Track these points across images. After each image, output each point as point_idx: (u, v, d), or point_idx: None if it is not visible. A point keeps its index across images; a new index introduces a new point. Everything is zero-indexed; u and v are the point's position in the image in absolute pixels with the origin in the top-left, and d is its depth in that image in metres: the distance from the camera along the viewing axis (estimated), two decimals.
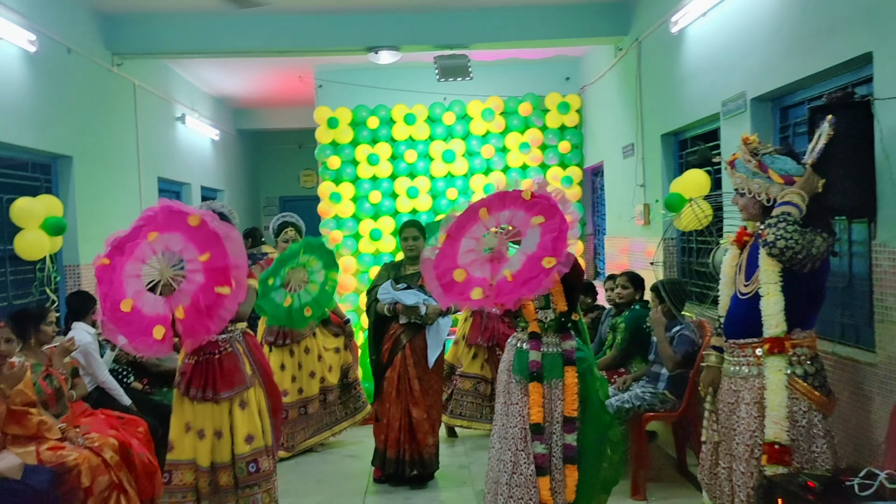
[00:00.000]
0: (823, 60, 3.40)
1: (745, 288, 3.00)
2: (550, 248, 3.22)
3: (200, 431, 3.71)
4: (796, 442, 2.80)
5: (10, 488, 3.30)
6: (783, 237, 2.72)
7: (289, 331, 5.32)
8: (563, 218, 3.31)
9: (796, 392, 2.82)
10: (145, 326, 3.26)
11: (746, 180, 2.94)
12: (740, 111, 4.20)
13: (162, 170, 7.43)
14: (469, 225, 3.48)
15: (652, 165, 5.84)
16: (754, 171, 2.92)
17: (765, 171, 2.90)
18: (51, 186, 5.47)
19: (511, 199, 3.45)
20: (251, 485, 3.73)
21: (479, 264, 3.38)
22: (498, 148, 7.99)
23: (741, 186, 2.97)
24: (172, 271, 3.40)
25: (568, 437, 3.48)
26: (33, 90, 5.05)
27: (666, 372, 4.39)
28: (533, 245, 3.28)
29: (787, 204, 2.79)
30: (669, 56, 5.30)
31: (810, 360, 2.87)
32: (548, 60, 8.09)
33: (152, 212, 3.52)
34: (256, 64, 7.96)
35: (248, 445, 3.71)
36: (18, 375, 3.65)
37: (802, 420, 2.82)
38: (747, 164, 2.95)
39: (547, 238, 3.26)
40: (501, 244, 3.42)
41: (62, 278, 5.48)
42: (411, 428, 4.66)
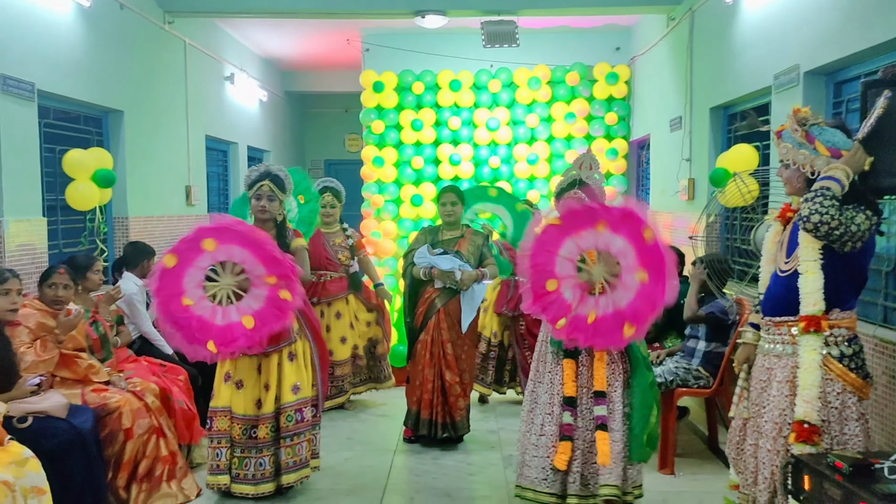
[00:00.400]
0: (882, 32, 3.27)
1: (784, 265, 2.94)
2: (638, 317, 3.18)
3: (239, 382, 3.89)
4: (828, 423, 2.75)
5: (55, 426, 3.44)
6: (818, 212, 2.64)
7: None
8: (663, 289, 3.16)
9: (830, 373, 2.76)
10: (203, 335, 3.54)
11: (792, 150, 2.85)
12: (792, 85, 4.08)
13: (210, 128, 7.55)
14: (583, 226, 3.30)
15: (699, 139, 5.72)
16: (800, 142, 2.83)
17: (811, 141, 2.81)
18: (102, 140, 5.61)
19: (631, 228, 3.24)
20: (296, 433, 3.92)
21: (571, 285, 3.34)
22: (543, 118, 7.90)
23: (786, 157, 2.88)
24: (234, 281, 3.63)
25: (597, 409, 3.50)
26: (86, 45, 5.16)
27: (701, 347, 4.37)
28: (625, 301, 3.23)
29: (828, 179, 2.70)
30: (722, 27, 5.15)
31: (848, 342, 2.80)
32: (598, 29, 7.93)
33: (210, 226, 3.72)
34: (305, 26, 7.99)
35: (295, 395, 3.90)
36: (74, 323, 3.79)
37: (836, 401, 2.76)
38: (794, 133, 2.85)
39: (640, 302, 3.19)
40: (598, 279, 3.34)
41: (110, 229, 5.65)
42: (443, 391, 4.72)
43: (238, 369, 3.90)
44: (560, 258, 3.34)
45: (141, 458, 3.85)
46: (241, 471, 3.88)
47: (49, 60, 4.71)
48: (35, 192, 4.58)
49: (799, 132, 2.83)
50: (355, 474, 4.37)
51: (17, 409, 3.40)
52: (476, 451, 4.76)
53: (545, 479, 3.53)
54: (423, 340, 4.73)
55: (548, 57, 7.89)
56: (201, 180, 7.24)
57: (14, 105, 4.34)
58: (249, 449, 3.89)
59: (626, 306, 3.22)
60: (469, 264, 4.70)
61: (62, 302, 3.85)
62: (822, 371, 2.75)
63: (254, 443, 3.88)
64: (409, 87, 7.94)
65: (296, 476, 3.93)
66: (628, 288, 3.24)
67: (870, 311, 3.58)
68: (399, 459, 4.63)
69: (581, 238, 3.31)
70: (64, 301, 3.86)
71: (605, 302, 3.28)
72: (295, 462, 3.92)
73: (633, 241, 3.22)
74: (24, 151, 4.44)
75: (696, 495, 3.99)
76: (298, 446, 3.94)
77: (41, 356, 3.66)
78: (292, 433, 3.92)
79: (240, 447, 3.89)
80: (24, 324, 3.70)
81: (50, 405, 3.50)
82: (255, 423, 3.88)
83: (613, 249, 3.28)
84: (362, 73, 8.08)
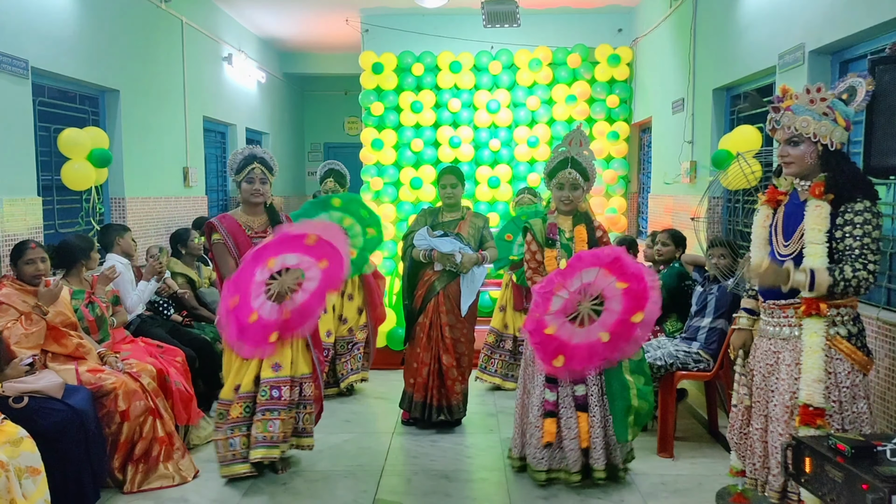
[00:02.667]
0: (888, 10, 3.21)
1: (785, 249, 2.89)
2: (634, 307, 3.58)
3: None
4: (839, 403, 2.73)
5: (50, 407, 3.41)
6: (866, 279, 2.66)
7: None
8: (612, 353, 3.61)
9: (840, 352, 2.74)
10: (263, 334, 3.62)
11: (812, 123, 2.75)
12: (797, 64, 4.02)
13: (207, 109, 7.49)
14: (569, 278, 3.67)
15: (702, 121, 5.66)
16: (822, 112, 2.75)
17: (832, 112, 2.75)
18: (98, 119, 5.55)
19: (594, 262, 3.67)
20: (269, 410, 3.81)
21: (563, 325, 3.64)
22: (544, 100, 7.83)
23: (806, 130, 2.76)
24: (293, 282, 3.69)
25: (578, 389, 3.79)
26: (82, 22, 5.09)
27: (705, 326, 4.34)
28: (618, 307, 3.61)
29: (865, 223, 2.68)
30: (726, 6, 5.08)
31: (853, 321, 2.79)
32: (600, 10, 7.85)
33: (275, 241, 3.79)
34: (304, 5, 7.91)
35: (275, 372, 3.83)
36: (55, 293, 3.77)
37: (846, 381, 2.74)
38: (815, 105, 2.76)
39: (630, 299, 3.60)
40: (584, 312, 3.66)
41: (107, 210, 5.61)
42: (440, 374, 4.69)
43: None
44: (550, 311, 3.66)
45: (137, 440, 3.83)
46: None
47: (44, 37, 4.65)
48: (30, 171, 4.53)
49: (826, 101, 2.75)
50: (353, 456, 4.35)
51: (13, 389, 3.38)
52: (474, 433, 4.75)
53: (542, 458, 3.82)
54: (421, 323, 4.70)
55: (549, 38, 7.81)
56: (199, 162, 7.19)
57: (7, 83, 4.28)
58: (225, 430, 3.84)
59: (574, 344, 3.59)
60: (469, 247, 4.66)
61: (41, 275, 3.82)
62: (824, 353, 2.72)
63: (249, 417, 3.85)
64: (408, 69, 7.87)
65: (263, 453, 3.78)
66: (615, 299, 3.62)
67: (873, 294, 3.55)
68: (397, 441, 4.61)
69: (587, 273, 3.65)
70: (43, 274, 3.83)
71: (570, 329, 3.63)
72: (265, 437, 3.78)
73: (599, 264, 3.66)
74: (18, 130, 4.39)
75: (696, 479, 3.98)
76: (270, 423, 3.79)
77: (28, 329, 3.63)
78: (264, 408, 3.79)
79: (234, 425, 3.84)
80: (7, 302, 3.67)
81: (45, 384, 3.47)
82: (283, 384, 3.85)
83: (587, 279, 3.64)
84: (361, 54, 8.00)
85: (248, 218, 4.03)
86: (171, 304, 5.18)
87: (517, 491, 3.85)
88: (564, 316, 3.64)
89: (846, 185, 2.71)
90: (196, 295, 5.52)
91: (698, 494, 3.78)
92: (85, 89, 5.37)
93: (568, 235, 3.98)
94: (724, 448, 4.40)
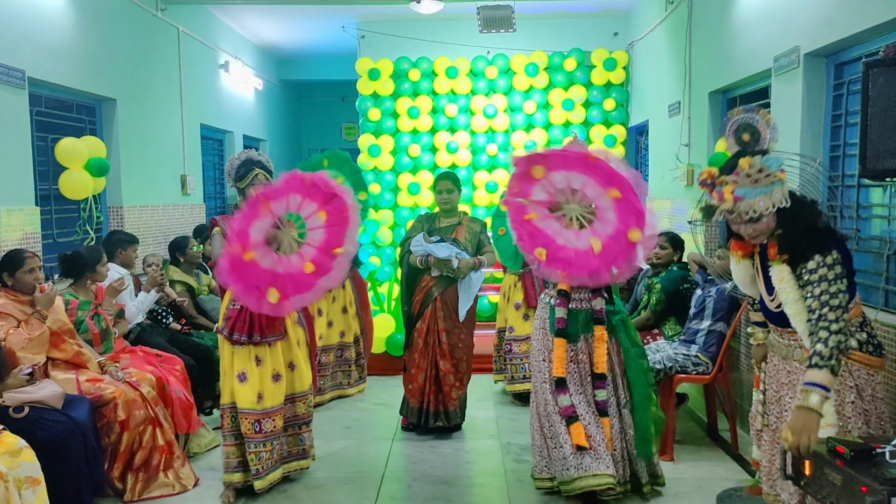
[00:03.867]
0: (883, 12, 3.22)
1: (772, 303, 2.85)
2: (633, 221, 3.24)
3: (241, 374, 3.76)
4: (866, 412, 2.71)
5: (50, 417, 3.41)
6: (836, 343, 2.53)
7: None
8: (637, 201, 3.27)
9: (856, 363, 2.72)
10: (261, 283, 3.33)
11: (768, 197, 2.67)
12: (793, 67, 4.03)
13: (205, 116, 7.49)
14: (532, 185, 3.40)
15: (698, 124, 5.67)
16: (770, 182, 2.67)
17: (774, 174, 2.67)
18: (95, 128, 5.56)
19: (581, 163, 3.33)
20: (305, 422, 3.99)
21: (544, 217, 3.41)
22: (541, 104, 7.85)
23: (765, 209, 2.67)
24: (295, 233, 3.49)
25: (599, 394, 3.58)
26: (78, 32, 5.10)
27: (704, 328, 4.35)
28: (613, 220, 3.29)
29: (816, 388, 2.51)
30: (721, 9, 5.09)
31: (860, 328, 2.77)
32: (595, 14, 7.87)
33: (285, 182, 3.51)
34: (300, 13, 7.91)
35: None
36: (51, 297, 3.79)
37: (867, 388, 2.73)
38: (760, 182, 2.67)
39: (625, 212, 3.26)
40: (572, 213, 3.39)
41: (105, 219, 5.61)
42: (437, 380, 4.69)
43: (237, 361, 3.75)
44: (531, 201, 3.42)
45: (137, 449, 3.83)
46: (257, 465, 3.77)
47: (40, 47, 4.65)
48: (28, 181, 4.53)
49: (770, 175, 2.67)
50: (353, 462, 4.35)
51: (13, 399, 3.38)
52: (474, 438, 4.74)
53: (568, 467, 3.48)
54: (419, 329, 4.70)
55: (545, 43, 7.83)
56: (197, 169, 7.20)
57: (4, 93, 4.28)
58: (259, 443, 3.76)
59: (618, 221, 3.27)
60: (466, 252, 4.66)
61: (36, 281, 3.83)
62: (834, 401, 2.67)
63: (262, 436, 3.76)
64: (405, 75, 7.88)
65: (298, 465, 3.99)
66: (607, 209, 3.30)
67: (871, 295, 3.56)
68: (397, 447, 4.61)
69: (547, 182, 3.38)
70: (37, 280, 3.84)
71: (586, 235, 3.33)
72: (301, 451, 4.00)
73: (587, 171, 3.31)
74: (15, 140, 4.39)
75: (696, 482, 3.97)
76: (300, 436, 3.99)
77: (31, 334, 3.63)
78: (302, 421, 3.97)
79: (252, 443, 3.74)
80: (4, 311, 3.67)
81: (46, 394, 3.47)
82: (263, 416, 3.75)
83: (576, 185, 3.35)
84: (358, 60, 8.01)
85: None
86: (170, 312, 5.18)
87: (518, 496, 3.85)
88: (548, 209, 3.41)
89: (797, 244, 2.65)
90: (195, 303, 5.52)
91: (698, 497, 3.78)
92: (82, 98, 5.38)
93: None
94: (724, 451, 4.41)
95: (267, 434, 3.76)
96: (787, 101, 4.13)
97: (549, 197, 3.40)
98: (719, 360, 4.30)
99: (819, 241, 2.64)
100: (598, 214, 3.35)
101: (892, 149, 2.78)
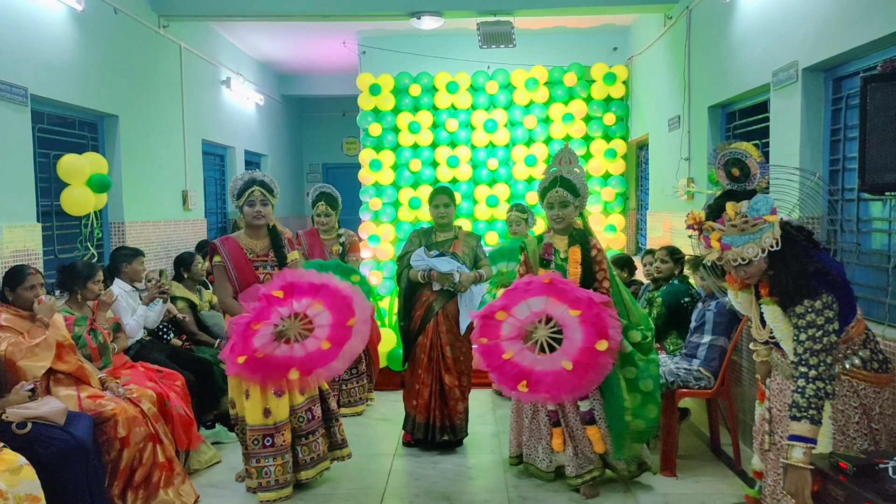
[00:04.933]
0: (881, 27, 3.24)
1: (763, 335, 2.88)
2: (604, 333, 3.61)
3: (247, 392, 3.87)
4: (874, 431, 2.68)
5: (52, 434, 3.39)
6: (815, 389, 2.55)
7: None
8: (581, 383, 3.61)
9: (861, 382, 2.70)
10: (279, 370, 3.59)
11: (756, 244, 2.67)
12: (791, 82, 4.05)
13: (206, 132, 7.53)
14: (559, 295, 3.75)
15: (698, 138, 5.69)
16: (756, 229, 2.67)
17: (763, 221, 2.66)
18: (97, 144, 5.58)
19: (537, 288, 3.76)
20: (311, 431, 4.02)
21: (514, 326, 3.77)
22: (541, 118, 7.88)
23: (754, 255, 2.67)
24: (300, 326, 3.69)
25: (581, 405, 3.90)
26: (80, 49, 5.13)
27: (705, 343, 4.33)
28: (578, 336, 3.63)
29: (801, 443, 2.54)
30: (720, 24, 5.12)
31: (863, 345, 2.74)
32: (595, 29, 7.92)
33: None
34: (301, 29, 7.97)
35: (302, 396, 3.97)
36: (51, 306, 3.79)
37: (875, 407, 2.69)
38: (746, 230, 2.66)
39: (589, 327, 3.62)
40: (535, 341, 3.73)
41: (106, 235, 5.62)
42: (442, 394, 4.68)
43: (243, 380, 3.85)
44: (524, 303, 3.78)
45: (137, 466, 3.81)
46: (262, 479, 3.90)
47: (42, 65, 4.68)
48: (29, 197, 4.54)
49: (757, 224, 2.66)
50: (354, 478, 4.33)
51: (16, 415, 3.37)
52: (475, 454, 4.72)
53: (544, 459, 4.04)
54: (421, 343, 4.69)
55: (545, 58, 7.87)
56: (198, 185, 7.22)
57: (7, 110, 4.31)
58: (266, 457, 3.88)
59: (538, 371, 3.62)
60: (465, 265, 4.66)
61: (35, 296, 3.85)
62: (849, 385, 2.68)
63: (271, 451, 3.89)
64: (405, 90, 7.92)
65: (315, 471, 4.07)
66: (554, 361, 3.63)
67: (874, 310, 3.55)
68: (398, 463, 4.59)
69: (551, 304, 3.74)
70: (36, 295, 3.86)
71: (527, 355, 3.69)
72: (312, 459, 4.04)
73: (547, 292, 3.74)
74: (17, 157, 4.41)
75: (699, 497, 3.95)
76: (315, 443, 4.04)
77: (34, 341, 3.63)
78: (310, 431, 4.01)
79: (255, 457, 3.90)
80: (6, 324, 3.68)
81: (48, 410, 3.46)
82: (279, 428, 3.88)
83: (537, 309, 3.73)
84: (359, 75, 8.05)
85: (251, 241, 4.06)
86: (171, 328, 5.18)
87: None
88: (521, 341, 3.73)
89: (787, 288, 2.64)
90: (196, 318, 5.52)
91: None
92: (84, 115, 5.40)
93: (563, 255, 4.01)
94: (727, 465, 4.39)
95: (278, 448, 3.88)
96: (786, 116, 4.15)
97: (519, 329, 3.75)
98: (721, 375, 4.28)
99: (808, 287, 2.61)
100: (566, 333, 3.68)
101: (891, 163, 2.79)
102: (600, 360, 3.59)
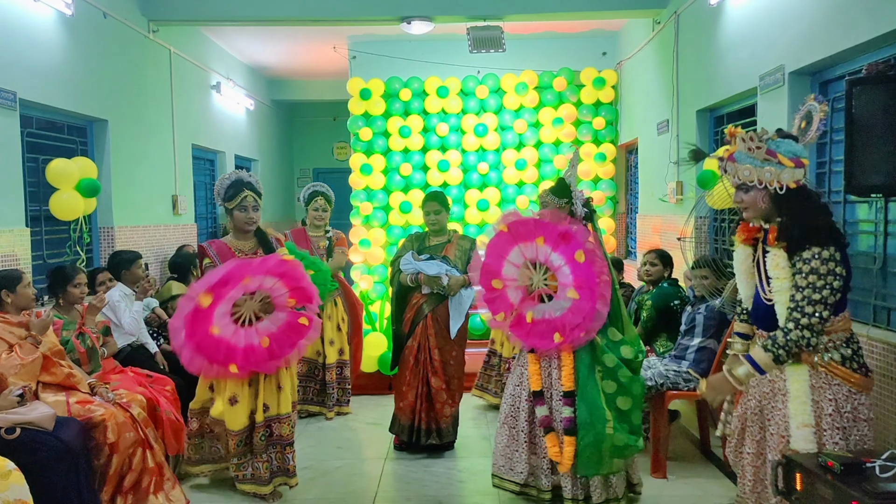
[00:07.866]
0: (866, 31, 3.28)
1: (770, 294, 2.81)
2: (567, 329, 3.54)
3: (232, 399, 3.91)
4: (844, 430, 2.66)
5: (41, 440, 3.37)
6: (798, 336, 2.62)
7: None
8: (594, 308, 3.55)
9: (836, 377, 2.68)
10: (225, 356, 3.69)
11: (755, 170, 2.71)
12: (778, 85, 4.09)
13: (196, 137, 7.51)
14: (527, 238, 3.68)
15: (687, 142, 5.72)
16: (763, 158, 2.71)
17: (774, 156, 2.70)
18: (86, 149, 5.56)
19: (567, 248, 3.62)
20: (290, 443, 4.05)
21: (514, 287, 3.71)
22: (531, 123, 7.92)
23: (749, 178, 2.73)
24: (258, 305, 3.77)
25: (565, 411, 3.60)
26: (69, 54, 5.12)
27: (695, 345, 4.35)
28: (558, 312, 3.58)
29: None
30: (707, 29, 5.17)
31: (846, 343, 2.72)
32: (584, 34, 7.96)
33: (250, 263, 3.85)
34: (291, 33, 7.98)
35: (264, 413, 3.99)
36: (46, 322, 3.78)
37: (847, 405, 2.68)
38: (753, 152, 2.72)
39: (571, 316, 3.55)
40: (537, 286, 3.68)
41: (95, 240, 5.60)
42: (429, 397, 4.67)
43: (229, 386, 3.91)
44: (507, 262, 3.71)
45: (127, 472, 3.78)
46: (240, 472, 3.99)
47: (31, 69, 4.67)
48: (18, 202, 4.52)
49: (762, 149, 2.71)
50: (345, 483, 4.32)
51: (4, 420, 3.34)
52: (467, 457, 4.72)
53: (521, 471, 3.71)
54: (409, 346, 4.69)
55: (535, 62, 7.91)
56: (188, 189, 7.20)
57: None
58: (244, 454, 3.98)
59: (559, 317, 3.57)
60: (456, 269, 4.67)
61: (31, 306, 3.86)
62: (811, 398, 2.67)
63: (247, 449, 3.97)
64: (396, 94, 7.94)
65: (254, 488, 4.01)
66: (561, 301, 3.59)
67: (860, 311, 3.58)
68: (389, 467, 4.59)
69: (526, 248, 3.68)
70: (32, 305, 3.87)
71: (543, 308, 3.63)
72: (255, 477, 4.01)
73: (568, 260, 3.61)
74: (6, 161, 4.39)
75: (689, 498, 3.97)
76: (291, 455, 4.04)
77: (24, 359, 3.61)
78: (286, 442, 4.01)
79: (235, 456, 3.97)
80: None
81: (37, 416, 3.44)
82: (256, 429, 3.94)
83: (552, 264, 3.64)
84: (349, 80, 8.07)
85: (238, 242, 4.09)
86: (161, 333, 5.15)
87: None
88: (528, 297, 3.68)
89: (797, 233, 2.66)
90: None
91: None
92: (73, 120, 5.39)
93: None
94: (717, 467, 4.41)
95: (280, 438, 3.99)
96: (772, 119, 4.18)
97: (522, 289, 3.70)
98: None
99: (819, 236, 2.63)
100: (553, 269, 3.64)
101: (877, 165, 2.82)
102: (594, 269, 3.58)
